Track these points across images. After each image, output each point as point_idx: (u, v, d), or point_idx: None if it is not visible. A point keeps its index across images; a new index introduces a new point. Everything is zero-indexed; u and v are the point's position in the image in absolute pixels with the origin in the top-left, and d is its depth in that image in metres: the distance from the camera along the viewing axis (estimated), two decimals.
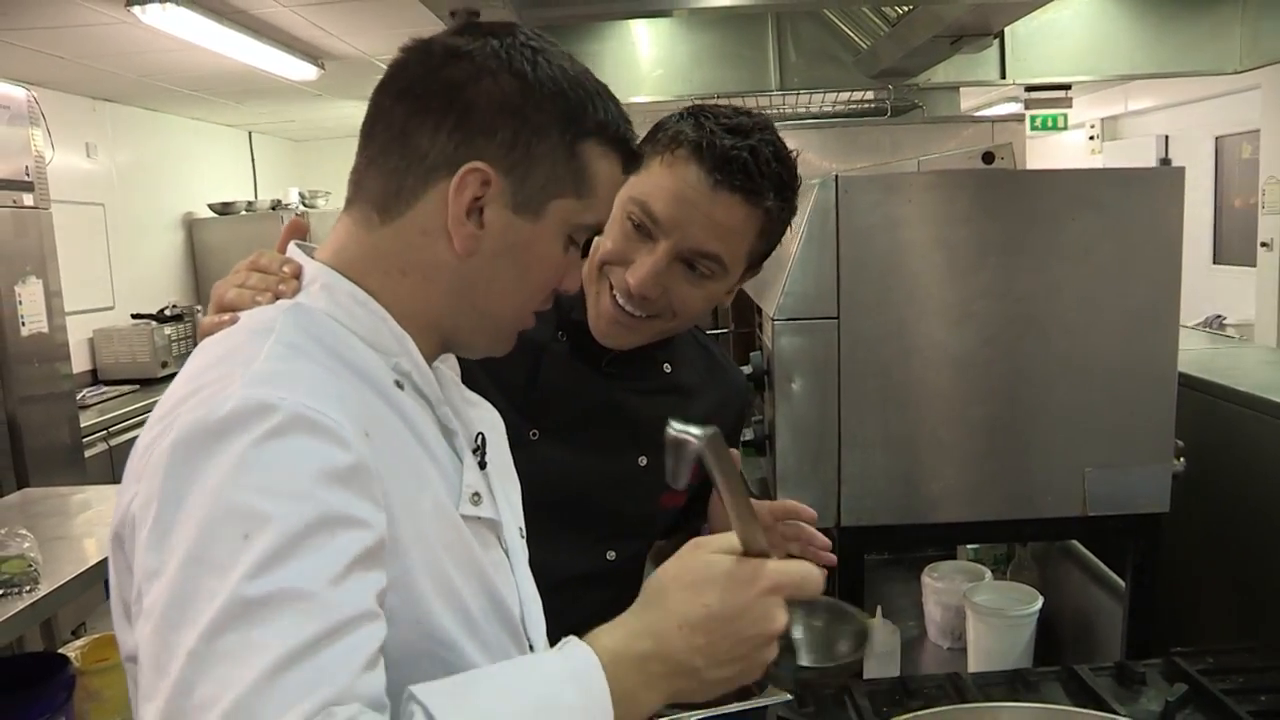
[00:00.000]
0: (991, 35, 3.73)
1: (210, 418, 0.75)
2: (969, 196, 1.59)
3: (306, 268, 0.95)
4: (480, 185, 0.89)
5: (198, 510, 0.72)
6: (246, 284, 0.96)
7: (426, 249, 0.91)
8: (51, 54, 5.12)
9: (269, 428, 0.74)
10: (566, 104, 0.91)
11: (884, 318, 1.59)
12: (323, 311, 0.90)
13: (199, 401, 0.77)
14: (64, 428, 4.65)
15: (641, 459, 1.42)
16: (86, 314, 6.07)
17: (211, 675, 0.66)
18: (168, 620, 0.69)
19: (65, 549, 2.62)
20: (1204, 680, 1.48)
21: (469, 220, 0.89)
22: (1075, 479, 1.63)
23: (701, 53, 4.60)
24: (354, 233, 0.94)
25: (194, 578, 0.70)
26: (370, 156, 0.94)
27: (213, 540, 0.71)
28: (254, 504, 0.72)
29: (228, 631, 0.67)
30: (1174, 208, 1.58)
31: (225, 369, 0.80)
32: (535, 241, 0.92)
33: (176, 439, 0.75)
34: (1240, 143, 7.64)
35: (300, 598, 0.70)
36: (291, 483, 0.74)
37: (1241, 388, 1.82)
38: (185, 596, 0.70)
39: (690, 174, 1.25)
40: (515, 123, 0.89)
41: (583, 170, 0.92)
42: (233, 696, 0.65)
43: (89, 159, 6.41)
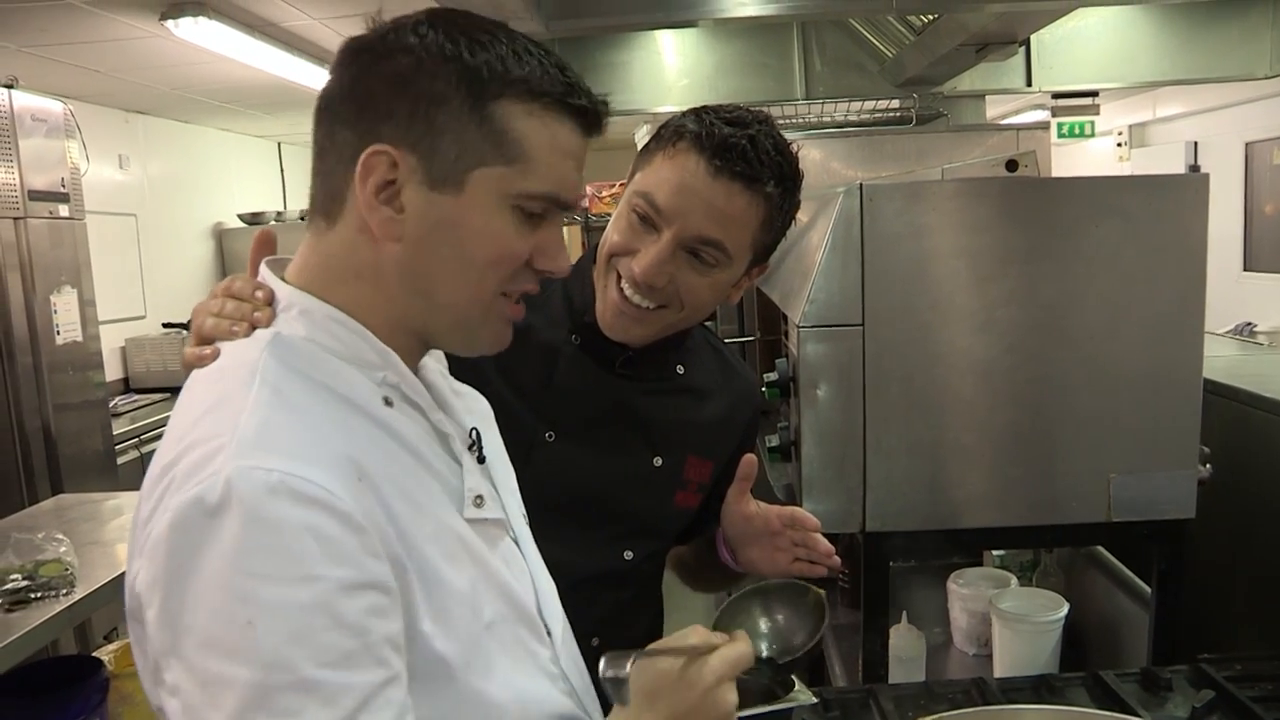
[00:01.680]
0: (1017, 43, 3.72)
1: (204, 499, 0.75)
2: (992, 204, 1.60)
3: (280, 292, 0.94)
4: (389, 167, 0.87)
5: (203, 596, 0.74)
6: (223, 313, 0.96)
7: (365, 247, 0.90)
8: (87, 68, 5.21)
9: (260, 509, 0.75)
10: (463, 67, 0.87)
11: (908, 325, 1.60)
12: (303, 338, 0.89)
13: (189, 470, 0.77)
14: (97, 435, 4.71)
15: (656, 459, 1.44)
16: (119, 323, 6.15)
17: None
18: (193, 704, 0.72)
19: (99, 554, 2.66)
20: (1231, 687, 1.48)
21: (386, 205, 0.88)
22: (1100, 485, 1.63)
23: (727, 62, 4.61)
24: (312, 244, 0.94)
25: (209, 663, 0.73)
26: (314, 168, 0.94)
27: (221, 627, 0.73)
28: (256, 590, 0.73)
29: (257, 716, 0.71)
30: (1198, 214, 1.58)
31: (213, 425, 0.80)
32: (464, 216, 0.89)
33: (173, 521, 0.76)
34: (1271, 148, 7.57)
35: (317, 687, 0.73)
36: (289, 566, 0.74)
37: (1269, 394, 1.81)
38: (205, 682, 0.73)
39: (690, 162, 1.28)
40: (410, 97, 0.87)
41: (501, 134, 0.88)
42: None
43: (122, 170, 6.50)
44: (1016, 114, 8.37)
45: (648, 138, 1.37)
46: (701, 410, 1.49)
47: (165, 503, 0.78)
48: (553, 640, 1.03)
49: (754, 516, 1.41)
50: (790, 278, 1.91)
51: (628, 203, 1.33)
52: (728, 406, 1.52)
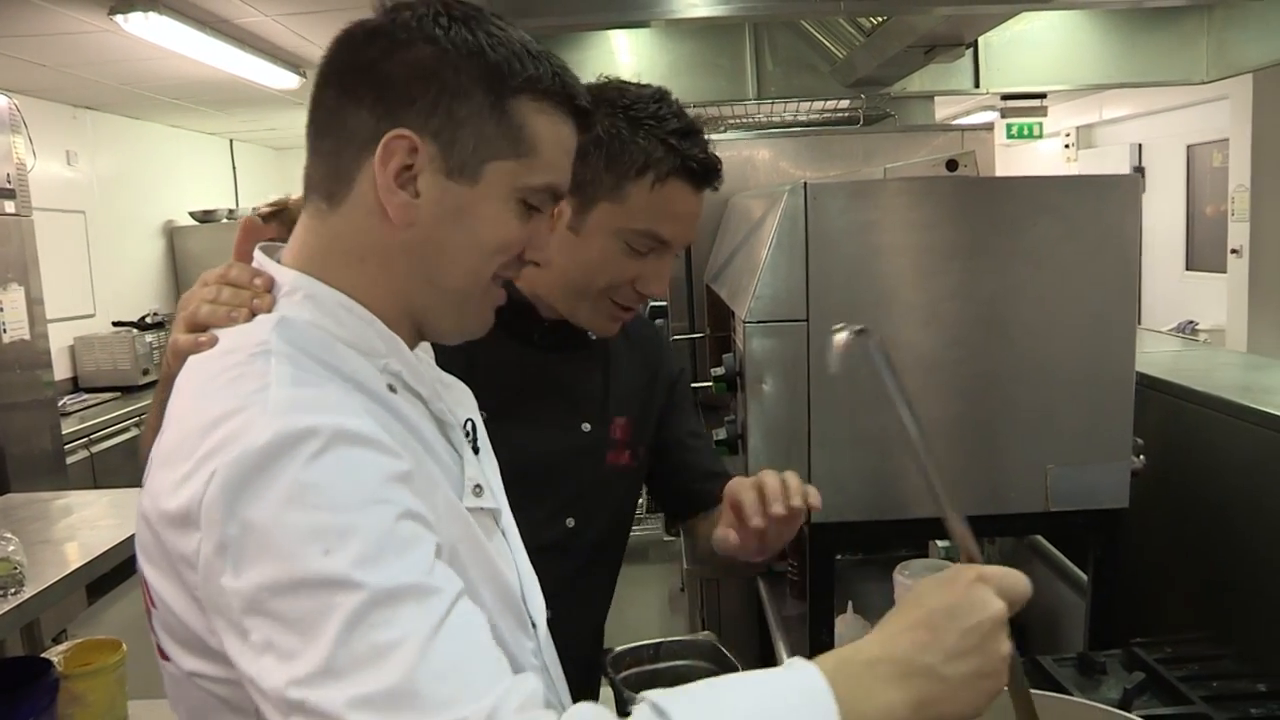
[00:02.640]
0: (964, 45, 3.79)
1: (250, 450, 0.74)
2: (933, 202, 1.63)
3: (282, 277, 0.94)
4: (408, 153, 0.89)
5: (269, 543, 0.72)
6: (219, 299, 0.95)
7: (374, 229, 0.91)
8: (33, 61, 5.13)
9: (314, 449, 0.75)
10: (485, 63, 0.89)
11: (852, 320, 1.63)
12: (309, 323, 0.89)
13: (227, 439, 0.76)
14: (45, 435, 4.65)
15: (585, 425, 1.49)
16: (68, 321, 6.07)
17: (349, 685, 0.68)
18: (289, 647, 0.71)
19: (48, 553, 2.64)
20: (1161, 669, 1.53)
21: (401, 189, 0.89)
22: (1038, 476, 1.68)
23: (680, 62, 4.65)
24: (311, 226, 0.95)
25: (296, 602, 0.71)
26: (313, 148, 0.94)
27: (297, 564, 0.71)
28: (326, 521, 0.73)
29: (353, 640, 0.69)
30: (1131, 213, 1.63)
31: (238, 399, 0.79)
32: (477, 205, 0.91)
33: (224, 482, 0.74)
34: (1211, 151, 7.75)
35: (409, 592, 0.72)
36: (356, 491, 0.75)
37: (1201, 389, 1.87)
38: (295, 621, 0.71)
39: (683, 192, 1.36)
40: (433, 88, 0.89)
41: (518, 129, 0.91)
42: (379, 697, 0.68)
43: (70, 167, 6.41)
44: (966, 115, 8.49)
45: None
46: (618, 371, 1.55)
47: (200, 471, 0.76)
48: (536, 632, 1.04)
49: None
50: (738, 275, 1.94)
51: (618, 238, 1.36)
52: (640, 361, 1.59)
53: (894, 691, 0.75)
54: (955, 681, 0.77)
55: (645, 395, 1.58)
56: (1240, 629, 1.69)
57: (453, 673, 0.71)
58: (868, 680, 0.75)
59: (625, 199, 1.34)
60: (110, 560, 2.65)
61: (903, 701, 0.75)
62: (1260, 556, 1.66)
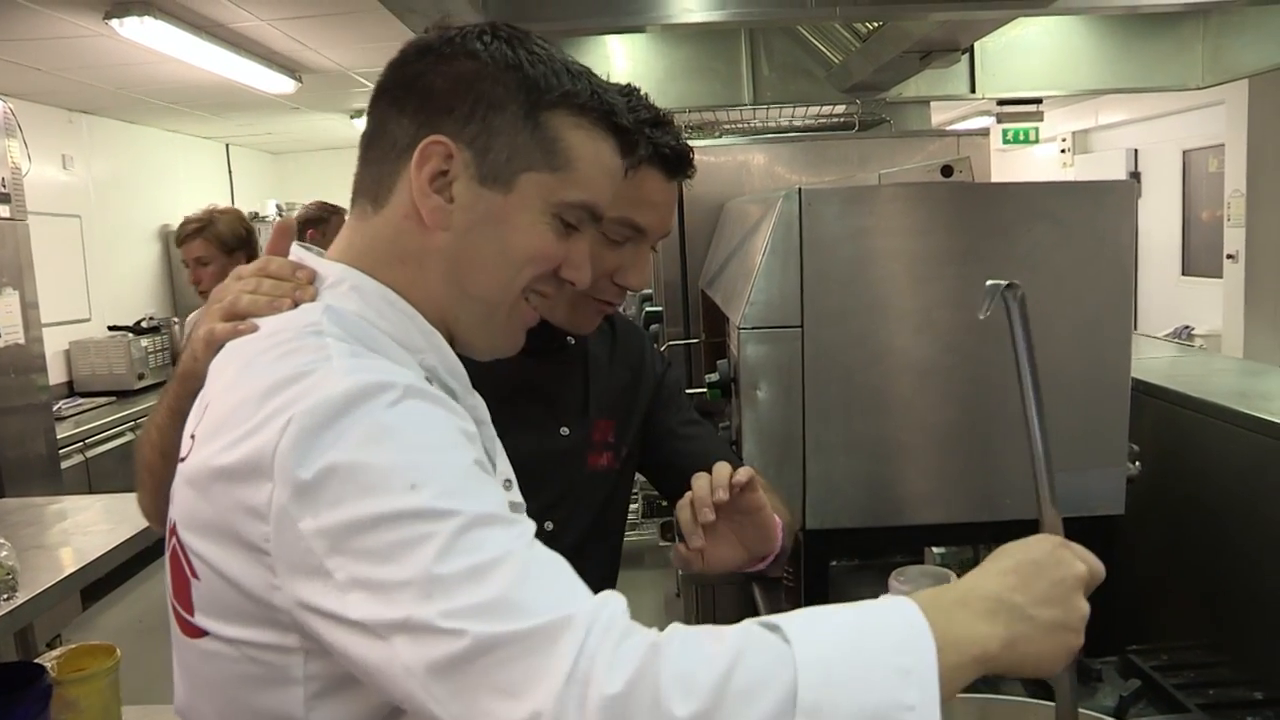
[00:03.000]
0: (959, 51, 3.80)
1: (330, 398, 0.76)
2: (928, 208, 1.63)
3: (326, 270, 0.96)
4: (443, 159, 0.92)
5: (354, 482, 0.73)
6: (259, 290, 0.95)
7: (413, 232, 0.94)
8: (29, 66, 5.13)
9: (392, 398, 0.78)
10: (523, 76, 0.93)
11: (847, 326, 1.63)
12: (354, 313, 0.91)
13: (301, 394, 0.77)
14: (40, 439, 4.64)
15: (563, 429, 1.47)
16: (63, 326, 6.06)
17: (455, 597, 0.69)
18: (381, 581, 0.71)
19: (42, 558, 2.63)
20: (1157, 676, 1.53)
21: (436, 193, 0.92)
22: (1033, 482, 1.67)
23: (676, 67, 4.65)
24: (355, 226, 0.98)
25: (385, 535, 0.72)
26: (362, 156, 0.98)
27: (386, 499, 0.73)
28: (411, 458, 0.75)
29: (450, 560, 0.71)
30: (1126, 219, 1.63)
31: (301, 367, 0.80)
32: (509, 213, 0.93)
33: (302, 428, 0.75)
34: (1207, 157, 7.77)
35: (495, 519, 0.75)
36: (435, 435, 0.79)
37: (1197, 394, 1.87)
38: (387, 555, 0.71)
39: (654, 180, 1.36)
40: (471, 97, 0.92)
41: (552, 142, 0.93)
42: (488, 598, 0.69)
43: (66, 171, 6.41)
44: (962, 120, 8.50)
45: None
46: (598, 373, 1.53)
47: (271, 424, 0.76)
48: None
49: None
50: (732, 280, 1.94)
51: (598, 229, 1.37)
52: (621, 361, 1.57)
53: (984, 625, 0.78)
54: (1041, 625, 0.80)
55: (629, 395, 1.57)
56: (1237, 636, 1.68)
57: (552, 584, 0.73)
58: (960, 614, 0.78)
59: None
60: (105, 565, 2.64)
61: (993, 635, 0.78)
62: (1257, 563, 1.65)
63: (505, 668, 0.68)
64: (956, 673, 0.74)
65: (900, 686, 0.70)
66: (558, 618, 0.69)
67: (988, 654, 0.77)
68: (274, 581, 0.76)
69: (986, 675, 0.78)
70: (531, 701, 0.67)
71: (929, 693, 0.70)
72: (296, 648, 0.78)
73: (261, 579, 0.77)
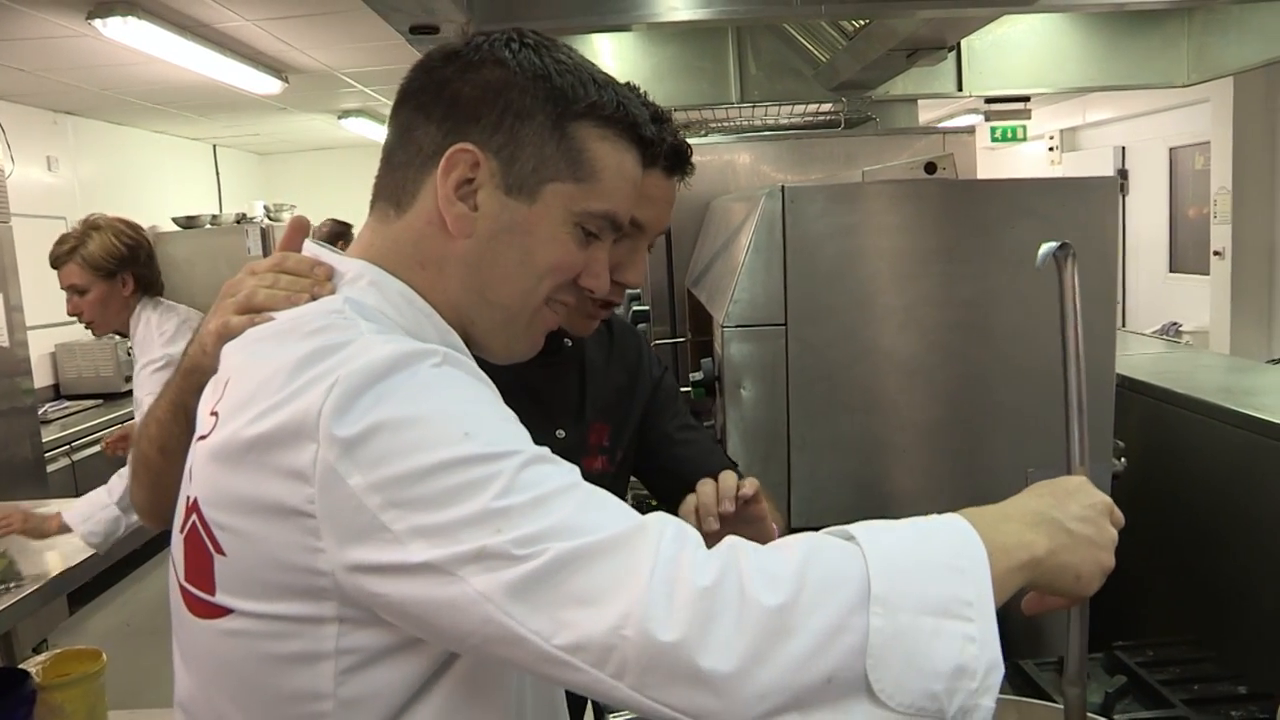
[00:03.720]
0: (946, 49, 3.79)
1: (374, 363, 0.77)
2: (911, 206, 1.63)
3: (346, 266, 0.97)
4: (470, 167, 0.92)
5: (406, 435, 0.75)
6: (277, 286, 0.95)
7: (435, 238, 0.94)
8: (11, 66, 5.10)
9: (434, 361, 0.80)
10: (551, 87, 0.93)
11: (830, 324, 1.63)
12: (373, 307, 0.91)
13: (342, 361, 0.78)
14: (25, 443, 4.61)
15: (559, 432, 1.47)
16: (49, 328, 6.03)
17: (524, 524, 0.71)
18: (444, 525, 0.72)
19: (26, 561, 2.61)
20: (1142, 672, 1.53)
21: (460, 201, 0.92)
22: (1019, 478, 1.67)
23: (663, 66, 4.64)
24: (376, 229, 0.98)
25: (443, 482, 0.73)
26: (385, 160, 0.99)
27: (442, 449, 0.74)
28: (461, 408, 0.78)
29: (513, 495, 0.72)
30: (1109, 215, 1.63)
31: (333, 340, 0.81)
32: (533, 224, 0.94)
33: (349, 389, 0.76)
34: (1193, 154, 7.79)
35: (545, 458, 0.77)
36: (478, 394, 0.82)
37: (1181, 390, 1.87)
38: (446, 499, 0.72)
39: (656, 177, 1.34)
40: (499, 106, 0.92)
41: (578, 153, 0.94)
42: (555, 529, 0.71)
43: (50, 172, 6.37)
44: (951, 118, 8.51)
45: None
46: (594, 376, 1.53)
47: (313, 389, 0.77)
48: None
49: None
50: (717, 279, 1.93)
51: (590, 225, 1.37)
52: (618, 364, 1.57)
53: (1030, 533, 0.82)
54: (1080, 538, 0.85)
55: (625, 398, 1.57)
56: (1222, 632, 1.69)
57: (614, 508, 0.75)
58: (1006, 525, 0.82)
59: None
60: (90, 569, 2.63)
61: (1037, 542, 0.82)
62: (1242, 559, 1.66)
63: (585, 577, 0.70)
64: (1007, 576, 0.79)
65: (959, 583, 0.74)
66: (630, 526, 0.73)
67: (1034, 558, 0.81)
68: (317, 544, 0.76)
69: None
70: (618, 604, 0.69)
71: (984, 591, 0.75)
72: (332, 618, 0.78)
73: (301, 544, 0.76)
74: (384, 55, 5.18)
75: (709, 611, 0.69)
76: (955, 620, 0.72)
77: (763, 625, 0.69)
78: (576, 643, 0.69)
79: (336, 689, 0.80)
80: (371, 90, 6.33)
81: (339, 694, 0.80)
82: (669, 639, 0.68)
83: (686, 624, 0.68)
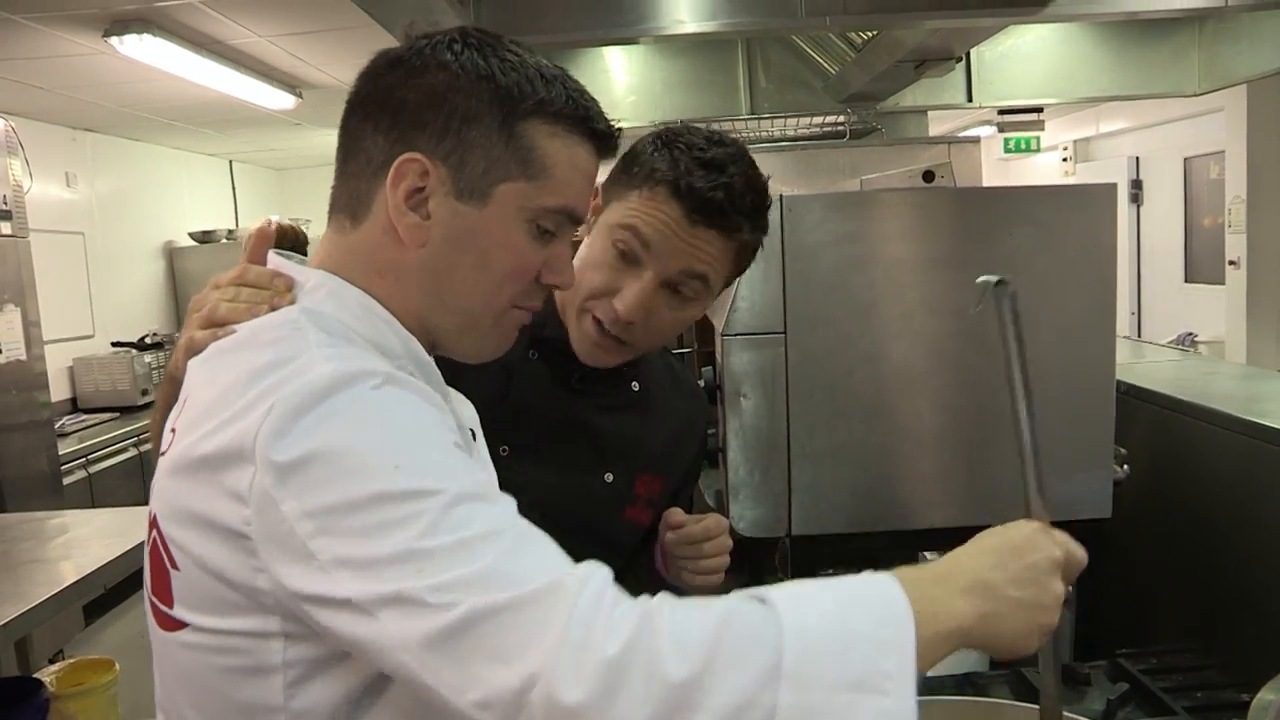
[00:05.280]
0: (954, 59, 3.81)
1: (312, 386, 0.77)
2: (909, 214, 1.64)
3: (304, 277, 0.96)
4: (419, 175, 0.91)
5: (337, 464, 0.74)
6: (238, 299, 0.96)
7: (391, 248, 0.93)
8: (30, 84, 5.16)
9: (374, 384, 0.79)
10: (495, 87, 0.91)
11: (830, 332, 1.64)
12: (331, 316, 0.91)
13: (284, 379, 0.78)
14: (42, 456, 4.66)
15: (608, 475, 1.43)
16: (66, 342, 6.09)
17: (445, 570, 0.70)
18: (367, 558, 0.72)
19: (40, 572, 2.64)
20: (1145, 679, 1.52)
21: (412, 211, 0.92)
22: (1019, 486, 1.67)
23: (673, 78, 4.67)
24: (334, 239, 0.98)
25: (370, 516, 0.72)
26: (338, 171, 0.98)
27: (371, 480, 0.73)
28: (394, 439, 0.76)
29: (436, 535, 0.71)
30: (1108, 223, 1.63)
31: (284, 353, 0.81)
32: (487, 227, 0.93)
33: (285, 412, 0.76)
34: (1208, 163, 7.76)
35: (478, 496, 0.76)
36: (418, 419, 0.80)
37: (1185, 398, 1.87)
38: (371, 532, 0.72)
39: (670, 209, 1.27)
40: (444, 111, 0.91)
41: (528, 151, 0.92)
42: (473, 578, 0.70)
43: (69, 188, 6.44)
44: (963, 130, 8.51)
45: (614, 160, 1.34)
46: (654, 426, 1.49)
47: (254, 409, 0.77)
48: None
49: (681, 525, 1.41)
50: None
51: (607, 238, 1.31)
52: (681, 422, 1.52)
53: (961, 601, 0.81)
54: (1014, 604, 0.83)
55: (678, 458, 1.52)
56: (1225, 639, 1.68)
57: (539, 555, 0.74)
58: (937, 590, 0.81)
59: (625, 200, 1.31)
60: (105, 578, 2.65)
61: (968, 612, 0.81)
62: (1247, 566, 1.65)
63: (499, 634, 0.69)
64: (933, 645, 0.77)
65: (879, 656, 0.72)
66: (548, 583, 0.71)
67: (962, 628, 0.80)
68: (256, 564, 0.77)
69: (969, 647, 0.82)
70: (527, 664, 0.68)
71: (906, 662, 0.73)
72: (277, 632, 0.79)
73: (244, 564, 0.77)
74: None
75: (615, 681, 0.67)
76: (872, 695, 0.71)
77: (666, 701, 0.67)
78: (485, 700, 0.69)
79: (287, 701, 0.80)
80: None
81: (290, 706, 0.80)
82: (573, 703, 0.67)
83: (591, 691, 0.67)
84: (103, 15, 4.03)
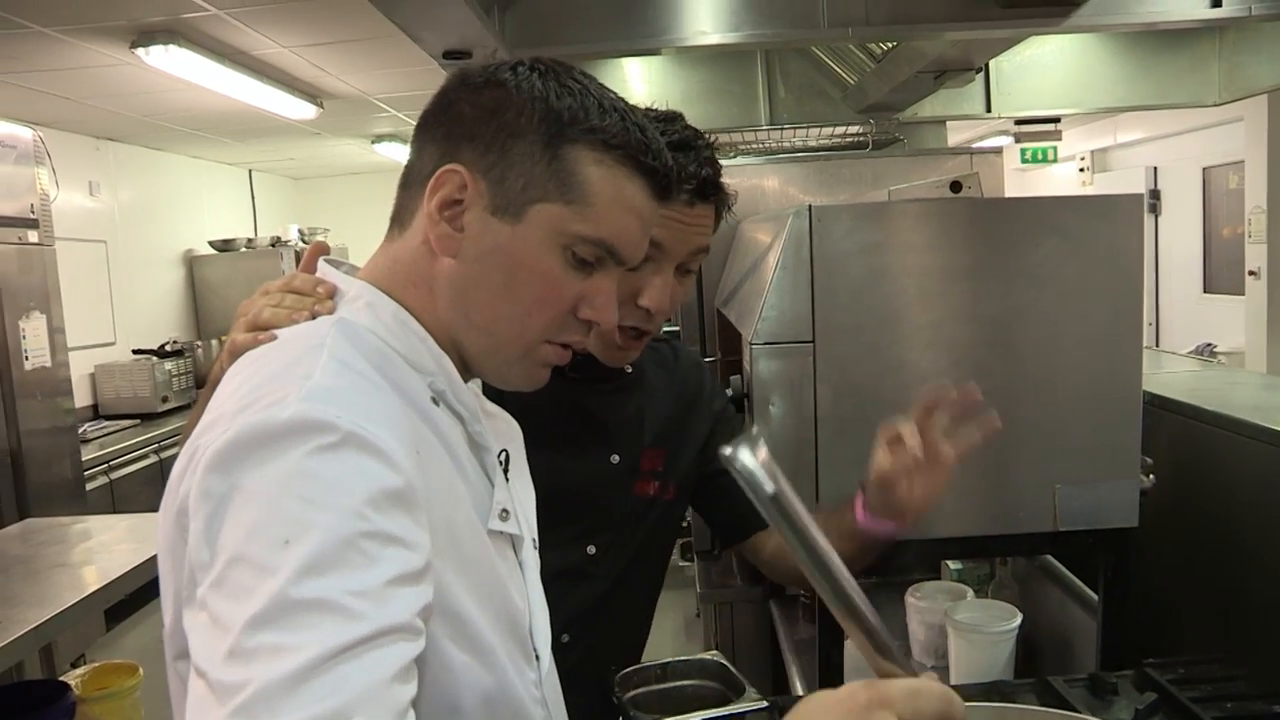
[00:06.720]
0: (973, 70, 3.82)
1: (269, 423, 0.77)
2: (937, 224, 1.65)
3: (347, 286, 0.98)
4: (458, 187, 0.92)
5: (247, 511, 0.74)
6: (282, 304, 0.99)
7: (425, 258, 0.95)
8: (57, 95, 5.22)
9: (325, 442, 0.76)
10: (547, 108, 0.92)
11: (858, 341, 1.64)
12: (366, 328, 0.93)
13: (259, 406, 0.79)
14: (65, 461, 4.70)
15: (614, 457, 1.50)
16: (89, 349, 6.14)
17: (242, 669, 0.68)
18: (219, 613, 0.72)
19: (64, 576, 2.66)
20: (1173, 689, 1.52)
21: (446, 221, 0.93)
22: (1046, 495, 1.68)
23: (693, 89, 4.69)
24: (384, 248, 1.00)
25: (238, 576, 0.72)
26: (400, 181, 1.00)
27: (257, 542, 0.73)
28: (301, 513, 0.73)
29: (266, 629, 0.69)
30: (1134, 232, 1.63)
31: (283, 381, 0.82)
32: (517, 246, 0.93)
33: (234, 438, 0.76)
34: (1227, 173, 7.73)
35: (337, 608, 0.71)
36: (341, 497, 0.75)
37: (1210, 408, 1.87)
38: (230, 593, 0.72)
39: (674, 202, 1.35)
40: (494, 126, 0.92)
41: (569, 175, 0.92)
42: (254, 690, 0.67)
43: (92, 197, 6.50)
44: (980, 140, 8.50)
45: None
46: (653, 403, 1.55)
47: (214, 431, 0.79)
48: (539, 665, 1.04)
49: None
50: (746, 298, 1.95)
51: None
52: (679, 393, 1.59)
53: None
54: None
55: (683, 428, 1.58)
56: (1254, 649, 1.68)
57: (333, 692, 0.69)
58: None
59: None
60: (128, 584, 2.67)
61: None
62: (1275, 575, 1.65)
63: None
64: None
65: None
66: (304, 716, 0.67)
67: None
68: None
69: None
70: None
71: None
72: None
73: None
74: (417, 80, 5.26)
75: None
76: None
77: None
78: None
79: None
80: (405, 115, 6.42)
81: None
82: None
83: None
84: (130, 27, 4.08)
